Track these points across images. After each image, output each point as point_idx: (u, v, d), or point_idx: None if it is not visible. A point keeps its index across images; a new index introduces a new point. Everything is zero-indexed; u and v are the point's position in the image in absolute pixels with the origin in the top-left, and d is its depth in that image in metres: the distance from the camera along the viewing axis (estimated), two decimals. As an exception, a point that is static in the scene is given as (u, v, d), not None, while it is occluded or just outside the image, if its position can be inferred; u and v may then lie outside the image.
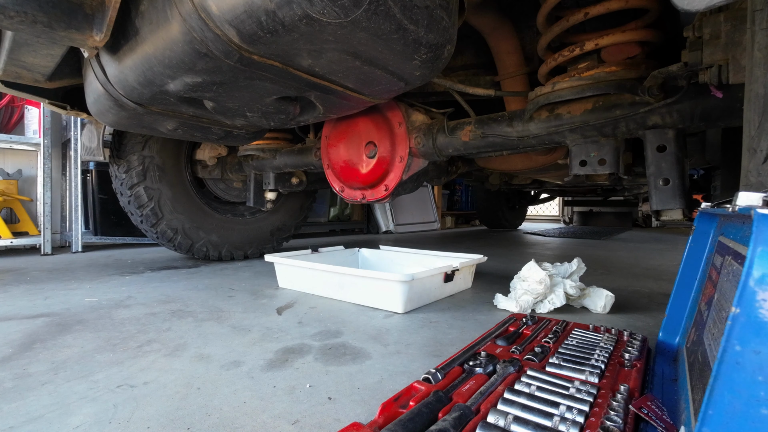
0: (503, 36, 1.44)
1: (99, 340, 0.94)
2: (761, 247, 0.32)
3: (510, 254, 2.68)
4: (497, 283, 1.64)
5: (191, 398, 0.67)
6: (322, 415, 0.62)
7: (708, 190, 2.84)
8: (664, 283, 1.70)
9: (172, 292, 1.44)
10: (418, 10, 0.81)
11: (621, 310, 1.25)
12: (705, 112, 1.00)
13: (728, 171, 1.28)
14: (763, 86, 0.59)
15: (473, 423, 0.50)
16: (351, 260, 1.86)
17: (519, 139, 1.30)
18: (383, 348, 0.91)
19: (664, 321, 0.81)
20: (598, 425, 0.51)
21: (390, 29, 0.79)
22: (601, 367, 0.68)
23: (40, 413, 0.62)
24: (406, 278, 1.15)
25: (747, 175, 0.62)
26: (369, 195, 1.64)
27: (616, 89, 1.05)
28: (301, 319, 1.13)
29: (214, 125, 1.39)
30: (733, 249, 0.54)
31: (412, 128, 1.54)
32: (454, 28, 0.96)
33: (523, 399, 0.56)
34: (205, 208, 2.28)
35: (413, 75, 1.04)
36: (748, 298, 0.32)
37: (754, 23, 0.62)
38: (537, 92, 1.20)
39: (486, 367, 0.68)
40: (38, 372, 0.77)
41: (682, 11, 0.60)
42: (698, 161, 1.70)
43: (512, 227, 5.22)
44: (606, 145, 1.17)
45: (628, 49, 1.09)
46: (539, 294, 1.21)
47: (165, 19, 0.80)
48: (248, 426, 0.59)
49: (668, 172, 1.04)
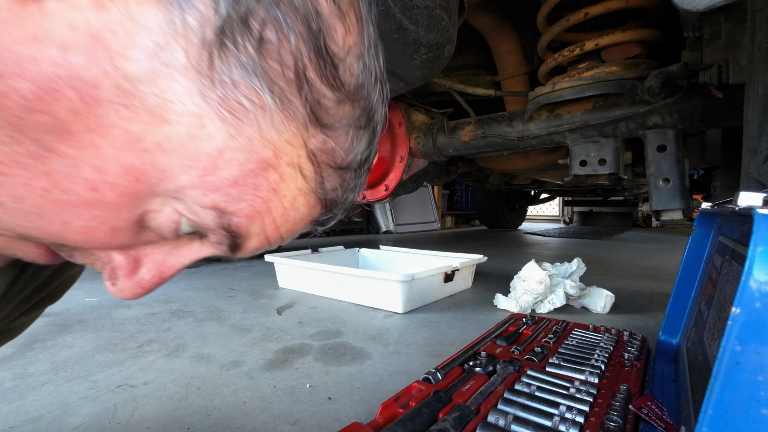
0: (503, 36, 1.44)
1: (99, 340, 0.94)
2: (761, 247, 0.32)
3: (510, 254, 2.68)
4: (497, 283, 1.64)
5: (191, 398, 0.67)
6: (322, 415, 0.62)
7: (708, 190, 2.84)
8: (664, 283, 1.70)
9: (172, 292, 1.44)
10: (418, 10, 0.81)
11: (621, 310, 1.25)
12: (705, 112, 1.00)
13: (728, 171, 1.28)
14: (763, 86, 0.59)
15: (473, 423, 0.50)
16: (351, 260, 1.86)
17: (519, 139, 1.30)
18: (383, 348, 0.91)
19: (664, 321, 0.81)
20: (598, 425, 0.51)
21: (390, 29, 0.80)
22: (601, 367, 0.68)
23: (40, 413, 0.62)
24: (406, 278, 1.15)
25: (747, 175, 0.62)
26: (369, 195, 1.64)
27: (616, 89, 1.06)
28: (301, 319, 1.13)
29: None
30: (733, 249, 0.54)
31: (412, 128, 1.54)
32: (454, 28, 0.96)
33: (523, 399, 0.56)
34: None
35: (413, 75, 1.04)
36: (748, 298, 0.32)
37: (754, 23, 0.62)
38: (537, 92, 1.20)
39: (486, 367, 0.68)
40: (38, 372, 0.77)
41: (682, 11, 0.60)
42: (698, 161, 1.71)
43: (512, 227, 5.22)
44: (606, 145, 1.17)
45: (628, 49, 1.09)
46: (539, 294, 1.21)
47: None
48: (248, 426, 0.59)
49: (668, 172, 1.04)
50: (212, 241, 0.27)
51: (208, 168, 0.23)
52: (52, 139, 0.20)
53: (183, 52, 0.20)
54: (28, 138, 0.20)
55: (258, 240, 0.28)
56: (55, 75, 0.19)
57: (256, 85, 0.22)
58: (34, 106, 0.19)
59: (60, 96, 0.19)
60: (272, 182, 0.25)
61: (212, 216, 0.25)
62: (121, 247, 0.27)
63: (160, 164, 0.22)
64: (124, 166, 0.21)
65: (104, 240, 0.24)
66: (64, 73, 0.19)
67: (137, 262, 0.28)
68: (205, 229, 0.26)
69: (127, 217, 0.24)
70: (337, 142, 0.26)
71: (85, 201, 0.22)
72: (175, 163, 0.22)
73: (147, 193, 0.23)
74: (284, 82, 0.22)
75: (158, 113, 0.21)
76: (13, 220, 0.22)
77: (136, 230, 0.25)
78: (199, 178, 0.23)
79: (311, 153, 0.25)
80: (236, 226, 0.26)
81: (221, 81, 0.21)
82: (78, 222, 0.23)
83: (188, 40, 0.20)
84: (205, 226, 0.26)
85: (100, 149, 0.21)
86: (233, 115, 0.22)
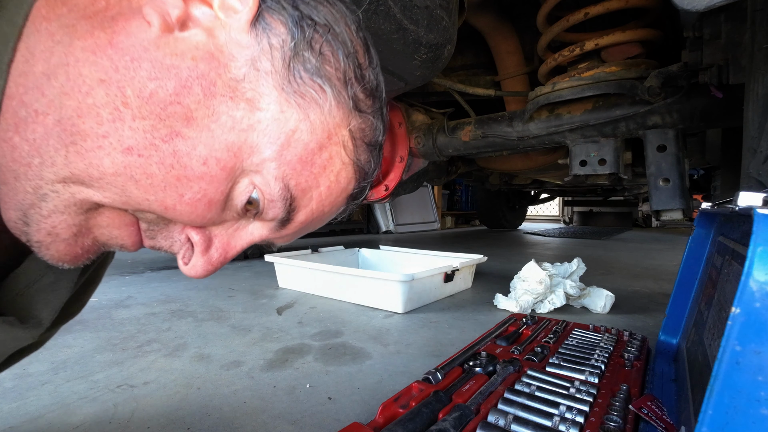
0: (503, 36, 1.44)
1: (99, 340, 0.94)
2: (761, 247, 0.32)
3: (510, 254, 2.68)
4: (497, 283, 1.64)
5: (191, 398, 0.67)
6: (322, 415, 0.62)
7: (708, 190, 2.84)
8: (664, 283, 1.70)
9: (172, 291, 1.44)
10: (418, 10, 0.81)
11: (621, 310, 1.25)
12: (705, 112, 1.00)
13: (728, 171, 1.28)
14: (763, 86, 0.59)
15: (473, 423, 0.50)
16: (351, 260, 1.85)
17: (519, 139, 1.30)
18: (383, 348, 0.91)
19: (664, 321, 0.81)
20: (598, 425, 0.51)
21: (390, 29, 0.80)
22: (601, 367, 0.68)
23: (40, 413, 0.62)
24: (406, 278, 1.15)
25: (747, 175, 0.62)
26: (369, 195, 1.64)
27: (616, 89, 1.05)
28: (301, 319, 1.13)
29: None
30: (733, 249, 0.54)
31: (412, 128, 1.54)
32: (454, 28, 0.96)
33: (523, 399, 0.56)
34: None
35: (413, 75, 1.04)
36: (748, 298, 0.32)
37: (754, 23, 0.62)
38: (537, 92, 1.20)
39: (486, 367, 0.68)
40: (38, 372, 0.77)
41: (682, 11, 0.60)
42: (698, 161, 1.71)
43: (512, 227, 5.22)
44: (606, 145, 1.17)
45: (628, 49, 1.09)
46: (539, 294, 1.21)
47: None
48: (248, 426, 0.59)
49: (668, 172, 1.04)
50: (268, 217, 0.34)
51: (284, 144, 0.31)
52: (180, 125, 0.28)
53: (269, 62, 0.30)
54: (164, 125, 0.28)
55: (305, 213, 0.35)
56: (189, 77, 0.28)
57: (318, 81, 0.32)
58: (173, 99, 0.28)
59: (191, 91, 0.28)
60: (324, 159, 0.34)
61: (279, 187, 0.32)
62: (205, 224, 0.33)
63: (251, 141, 0.30)
64: (227, 143, 0.30)
65: (203, 212, 0.31)
66: (195, 75, 0.28)
67: (210, 241, 0.34)
68: (269, 201, 0.33)
69: (223, 190, 0.31)
70: (368, 124, 0.36)
71: (197, 174, 0.29)
72: (263, 140, 0.31)
73: (239, 167, 0.31)
74: (336, 80, 0.33)
75: (253, 102, 0.30)
76: (141, 194, 0.29)
77: (223, 206, 0.32)
78: (277, 153, 0.31)
79: (352, 131, 0.35)
80: (294, 198, 0.33)
81: (295, 80, 0.31)
82: (188, 194, 0.29)
83: (272, 54, 0.30)
84: (271, 197, 0.33)
85: (212, 131, 0.29)
86: (304, 100, 0.31)
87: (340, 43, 0.33)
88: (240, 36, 0.30)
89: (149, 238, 0.34)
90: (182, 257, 0.35)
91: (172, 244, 0.34)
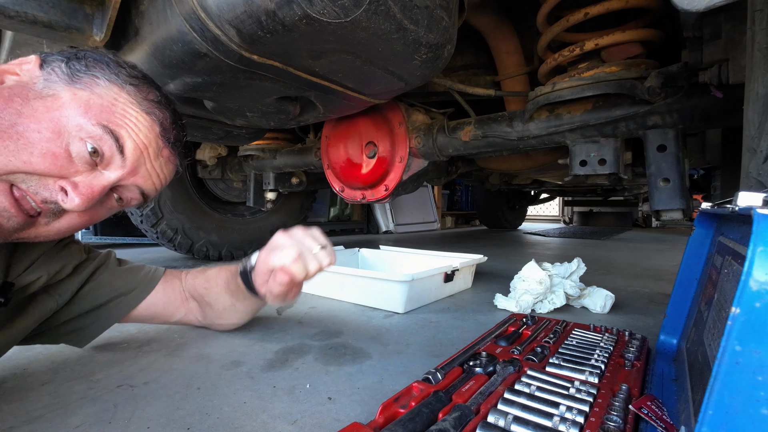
0: (503, 36, 1.44)
1: (99, 340, 0.93)
2: (761, 247, 0.32)
3: (510, 254, 2.68)
4: (497, 283, 1.64)
5: (191, 398, 0.67)
6: (322, 415, 0.62)
7: (708, 190, 2.84)
8: (664, 283, 1.70)
9: (172, 292, 1.43)
10: (418, 10, 0.81)
11: (621, 310, 1.25)
12: (705, 112, 0.99)
13: (728, 171, 1.28)
14: (763, 86, 0.59)
15: (473, 423, 0.50)
16: (351, 260, 1.85)
17: (519, 140, 1.30)
18: (383, 348, 0.91)
19: (664, 321, 0.80)
20: (598, 425, 0.51)
21: (390, 29, 0.79)
22: (601, 367, 0.68)
23: (40, 413, 0.62)
24: (406, 278, 1.15)
25: (747, 175, 0.62)
26: (369, 195, 1.64)
27: (616, 89, 1.05)
28: (301, 319, 1.13)
29: (214, 125, 1.39)
30: (733, 249, 0.54)
31: (412, 128, 1.54)
32: (454, 28, 0.96)
33: (523, 399, 0.56)
34: (205, 208, 2.27)
35: (413, 75, 1.04)
36: (748, 298, 0.32)
37: (754, 23, 0.62)
38: (537, 92, 1.20)
39: (486, 368, 0.68)
40: (38, 372, 0.77)
41: (682, 11, 0.60)
42: (698, 161, 1.71)
43: (512, 227, 5.22)
44: (606, 145, 1.17)
45: (628, 48, 1.09)
46: (539, 294, 1.21)
47: (165, 18, 0.80)
48: (248, 426, 0.59)
49: (668, 172, 1.04)
50: (108, 154, 0.57)
51: (86, 108, 0.55)
52: (15, 117, 0.51)
53: (56, 75, 0.56)
54: (6, 120, 0.51)
55: (132, 143, 0.58)
56: (10, 95, 0.53)
57: (90, 73, 0.58)
58: (4, 106, 0.52)
59: (14, 101, 0.53)
60: (121, 109, 0.58)
61: (99, 127, 0.55)
62: (66, 174, 0.54)
63: (65, 114, 0.54)
64: (48, 117, 0.53)
65: (52, 161, 0.52)
66: (14, 94, 0.53)
67: (76, 184, 0.55)
68: (99, 138, 0.55)
69: (59, 145, 0.53)
70: (142, 90, 0.62)
71: (37, 139, 0.52)
72: (71, 112, 0.54)
73: (65, 130, 0.53)
74: (107, 71, 0.59)
75: (55, 96, 0.55)
76: (5, 159, 0.50)
77: (69, 157, 0.54)
78: (84, 113, 0.55)
79: (130, 94, 0.60)
80: (112, 131, 0.56)
81: (76, 77, 0.57)
82: (36, 151, 0.51)
83: (56, 71, 0.56)
84: (96, 135, 0.55)
85: (37, 116, 0.53)
86: (86, 85, 0.57)
87: (99, 61, 0.59)
88: (34, 72, 0.56)
89: (33, 193, 0.53)
90: (61, 200, 0.54)
91: (51, 192, 0.54)
